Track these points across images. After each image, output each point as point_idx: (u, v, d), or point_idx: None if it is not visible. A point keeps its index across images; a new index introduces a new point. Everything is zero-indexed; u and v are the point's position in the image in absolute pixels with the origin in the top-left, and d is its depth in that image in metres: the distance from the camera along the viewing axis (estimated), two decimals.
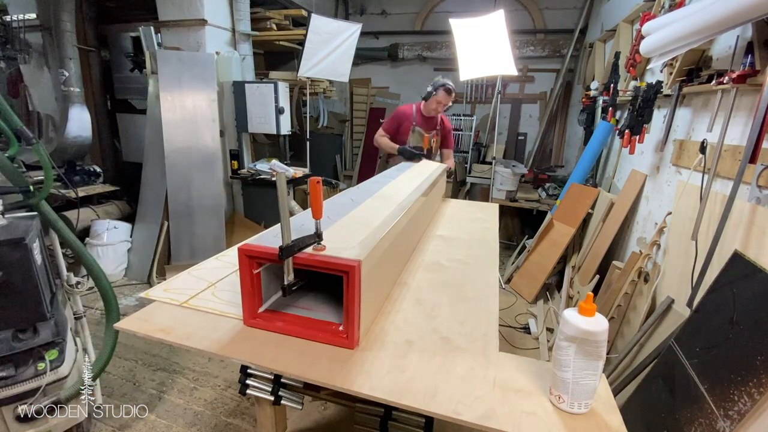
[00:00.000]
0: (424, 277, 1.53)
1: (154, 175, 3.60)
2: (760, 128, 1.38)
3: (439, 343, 1.11)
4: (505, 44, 3.26)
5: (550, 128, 5.95)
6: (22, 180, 1.71)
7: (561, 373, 0.88)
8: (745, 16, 1.35)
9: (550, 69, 5.87)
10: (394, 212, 1.46)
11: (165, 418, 2.05)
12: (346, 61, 4.30)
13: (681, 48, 1.86)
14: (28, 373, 1.53)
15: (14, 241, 1.45)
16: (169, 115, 3.42)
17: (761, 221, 1.47)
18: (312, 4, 5.34)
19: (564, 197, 3.65)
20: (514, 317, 3.12)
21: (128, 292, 3.40)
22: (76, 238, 1.87)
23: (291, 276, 1.04)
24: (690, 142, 2.17)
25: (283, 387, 1.31)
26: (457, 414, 0.86)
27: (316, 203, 1.04)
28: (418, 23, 6.30)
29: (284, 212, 0.99)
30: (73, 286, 1.92)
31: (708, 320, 1.49)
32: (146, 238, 3.61)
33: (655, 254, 2.31)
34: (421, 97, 2.99)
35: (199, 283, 1.38)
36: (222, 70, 3.75)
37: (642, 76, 3.01)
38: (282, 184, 0.97)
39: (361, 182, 2.13)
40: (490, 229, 2.15)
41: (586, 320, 0.86)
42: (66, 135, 3.65)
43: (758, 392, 1.14)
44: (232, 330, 1.12)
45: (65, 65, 3.61)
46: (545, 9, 5.76)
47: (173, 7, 3.59)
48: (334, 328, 1.10)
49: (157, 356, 2.53)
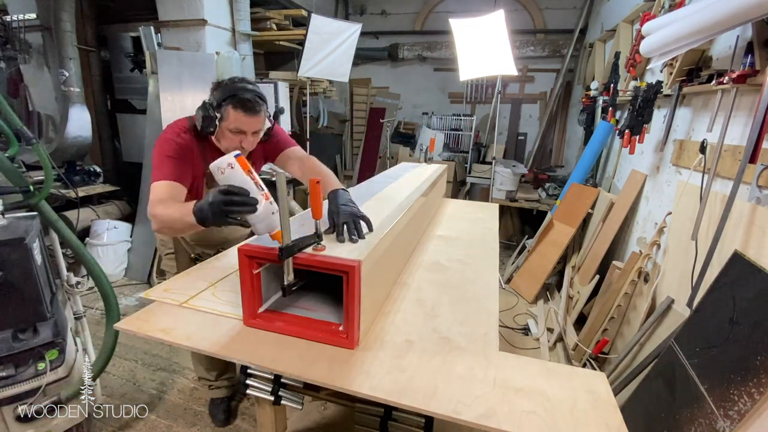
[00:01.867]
0: (424, 277, 1.53)
1: None
2: (760, 128, 1.38)
3: (439, 342, 1.11)
4: (505, 44, 3.26)
5: (550, 128, 5.95)
6: (22, 180, 1.71)
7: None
8: (745, 16, 1.35)
9: (550, 69, 5.88)
10: (394, 212, 1.46)
11: (165, 418, 2.05)
12: (346, 61, 4.30)
13: (681, 48, 1.86)
14: (28, 373, 1.53)
15: (14, 241, 1.45)
16: (169, 115, 3.41)
17: (761, 221, 1.47)
18: (312, 4, 5.34)
19: (564, 197, 3.65)
20: (513, 318, 3.12)
21: (128, 292, 3.40)
22: (76, 238, 1.87)
23: (291, 276, 1.04)
24: (690, 142, 2.17)
25: (283, 387, 1.30)
26: (457, 413, 0.86)
27: (316, 203, 1.04)
28: (418, 23, 6.30)
29: (284, 212, 0.99)
30: (73, 286, 1.92)
31: (708, 320, 1.49)
32: (146, 238, 3.61)
33: (655, 254, 2.31)
34: (198, 127, 1.45)
35: (199, 282, 1.38)
36: (222, 70, 3.74)
37: (642, 76, 3.01)
38: (282, 185, 0.97)
39: (361, 182, 2.13)
40: (490, 229, 2.15)
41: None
42: (66, 135, 3.65)
43: (758, 392, 1.14)
44: (232, 330, 1.12)
45: (65, 65, 3.61)
46: (545, 9, 5.76)
47: (173, 7, 3.59)
48: (334, 328, 1.10)
49: (157, 356, 2.53)
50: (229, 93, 1.40)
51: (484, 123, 6.07)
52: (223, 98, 1.40)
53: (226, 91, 1.41)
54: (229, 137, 1.46)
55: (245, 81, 1.45)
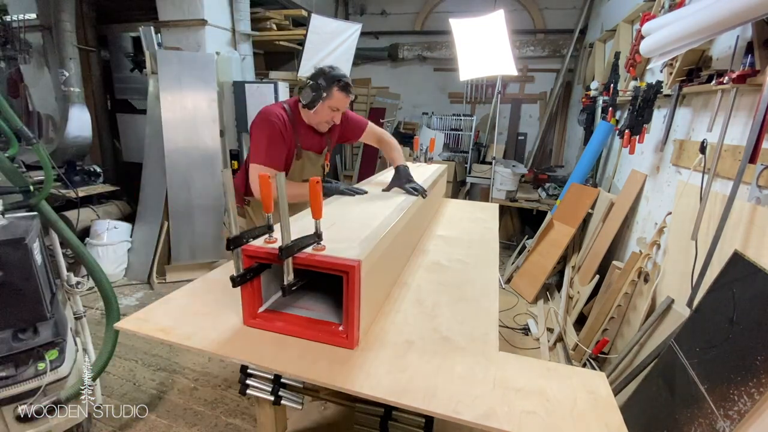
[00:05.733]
0: (424, 277, 1.53)
1: (154, 175, 3.60)
2: (760, 128, 1.38)
3: (439, 342, 1.11)
4: (505, 44, 3.26)
5: (550, 128, 5.96)
6: (22, 180, 1.71)
7: None
8: (745, 16, 1.35)
9: (550, 69, 5.88)
10: (394, 212, 1.46)
11: (165, 418, 2.05)
12: (346, 61, 4.30)
13: (681, 48, 1.86)
14: (28, 373, 1.53)
15: (14, 241, 1.45)
16: (169, 115, 3.42)
17: (761, 221, 1.47)
18: (312, 4, 5.34)
19: (564, 197, 3.65)
20: (513, 318, 3.12)
21: (128, 292, 3.40)
22: (76, 238, 1.87)
23: (291, 276, 1.04)
24: (690, 142, 2.17)
25: (283, 387, 1.30)
26: (457, 413, 0.86)
27: (315, 203, 1.04)
28: (418, 23, 6.30)
29: (284, 212, 0.99)
30: (73, 286, 1.92)
31: (708, 320, 1.49)
32: (146, 238, 3.61)
33: (655, 254, 2.31)
34: (301, 104, 1.78)
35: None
36: (222, 70, 3.74)
37: (642, 76, 3.01)
38: (282, 185, 0.97)
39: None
40: (490, 229, 2.15)
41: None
42: (66, 135, 3.65)
43: (758, 392, 1.15)
44: (232, 330, 1.12)
45: (65, 65, 3.61)
46: (545, 9, 5.76)
47: (173, 7, 3.59)
48: (334, 328, 1.10)
49: (157, 356, 2.53)
50: (336, 78, 1.72)
51: (484, 123, 6.07)
52: (332, 81, 1.71)
53: (334, 77, 1.72)
54: (326, 113, 1.78)
55: (340, 69, 1.77)
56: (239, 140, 4.03)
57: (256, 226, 1.13)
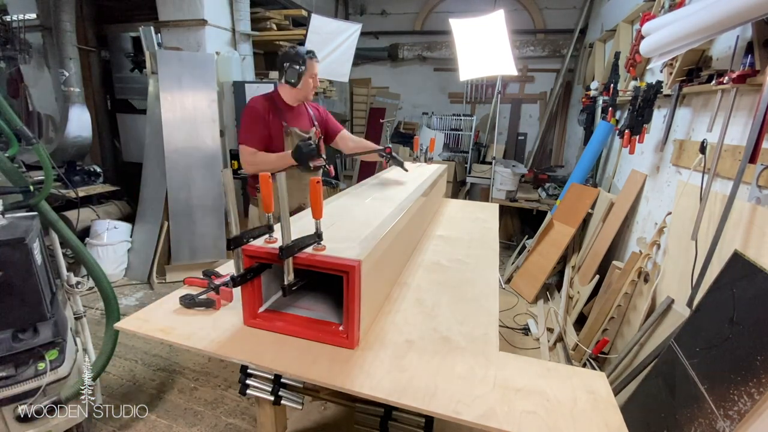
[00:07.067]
0: (424, 277, 1.53)
1: (154, 175, 3.60)
2: (760, 128, 1.38)
3: (439, 342, 1.11)
4: (505, 44, 3.26)
5: (550, 128, 5.96)
6: (22, 180, 1.71)
7: None
8: (745, 16, 1.35)
9: (550, 69, 5.88)
10: (394, 212, 1.46)
11: (165, 418, 2.05)
12: (346, 61, 4.30)
13: (681, 48, 1.86)
14: (28, 373, 1.53)
15: (14, 241, 1.45)
16: (169, 115, 3.42)
17: (761, 221, 1.47)
18: (312, 4, 5.34)
19: (564, 197, 3.65)
20: (513, 318, 3.12)
21: (128, 292, 3.40)
22: (76, 238, 1.87)
23: (291, 276, 1.04)
24: (690, 142, 2.17)
25: (283, 387, 1.31)
26: (457, 413, 0.86)
27: (316, 203, 1.04)
28: (418, 23, 6.30)
29: (284, 212, 0.99)
30: (73, 286, 1.92)
31: (708, 320, 1.49)
32: (146, 238, 3.61)
33: (655, 254, 2.31)
34: (284, 81, 1.98)
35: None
36: (222, 70, 3.74)
37: (642, 76, 3.01)
38: (282, 185, 0.97)
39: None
40: (490, 229, 2.15)
41: None
42: (66, 135, 3.65)
43: (758, 392, 1.15)
44: (232, 330, 1.12)
45: (65, 65, 3.61)
46: (545, 9, 5.77)
47: (173, 7, 3.59)
48: (334, 328, 1.10)
49: (157, 356, 2.53)
50: (304, 52, 1.96)
51: (484, 123, 6.07)
52: (303, 56, 1.95)
53: (301, 52, 1.96)
54: (308, 83, 2.00)
55: (297, 46, 2.01)
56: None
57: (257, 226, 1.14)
